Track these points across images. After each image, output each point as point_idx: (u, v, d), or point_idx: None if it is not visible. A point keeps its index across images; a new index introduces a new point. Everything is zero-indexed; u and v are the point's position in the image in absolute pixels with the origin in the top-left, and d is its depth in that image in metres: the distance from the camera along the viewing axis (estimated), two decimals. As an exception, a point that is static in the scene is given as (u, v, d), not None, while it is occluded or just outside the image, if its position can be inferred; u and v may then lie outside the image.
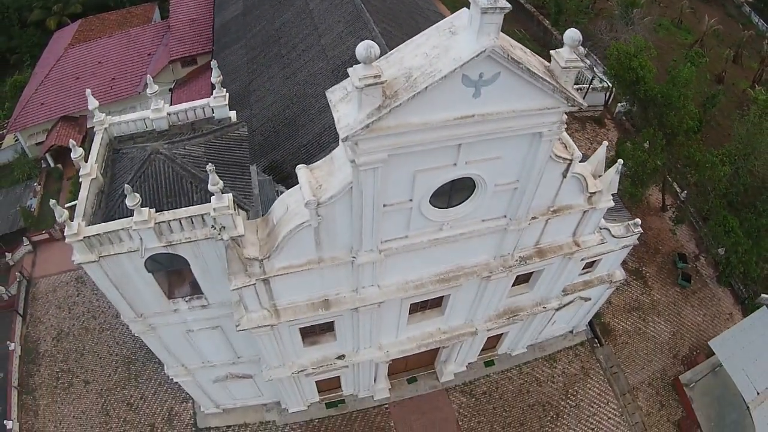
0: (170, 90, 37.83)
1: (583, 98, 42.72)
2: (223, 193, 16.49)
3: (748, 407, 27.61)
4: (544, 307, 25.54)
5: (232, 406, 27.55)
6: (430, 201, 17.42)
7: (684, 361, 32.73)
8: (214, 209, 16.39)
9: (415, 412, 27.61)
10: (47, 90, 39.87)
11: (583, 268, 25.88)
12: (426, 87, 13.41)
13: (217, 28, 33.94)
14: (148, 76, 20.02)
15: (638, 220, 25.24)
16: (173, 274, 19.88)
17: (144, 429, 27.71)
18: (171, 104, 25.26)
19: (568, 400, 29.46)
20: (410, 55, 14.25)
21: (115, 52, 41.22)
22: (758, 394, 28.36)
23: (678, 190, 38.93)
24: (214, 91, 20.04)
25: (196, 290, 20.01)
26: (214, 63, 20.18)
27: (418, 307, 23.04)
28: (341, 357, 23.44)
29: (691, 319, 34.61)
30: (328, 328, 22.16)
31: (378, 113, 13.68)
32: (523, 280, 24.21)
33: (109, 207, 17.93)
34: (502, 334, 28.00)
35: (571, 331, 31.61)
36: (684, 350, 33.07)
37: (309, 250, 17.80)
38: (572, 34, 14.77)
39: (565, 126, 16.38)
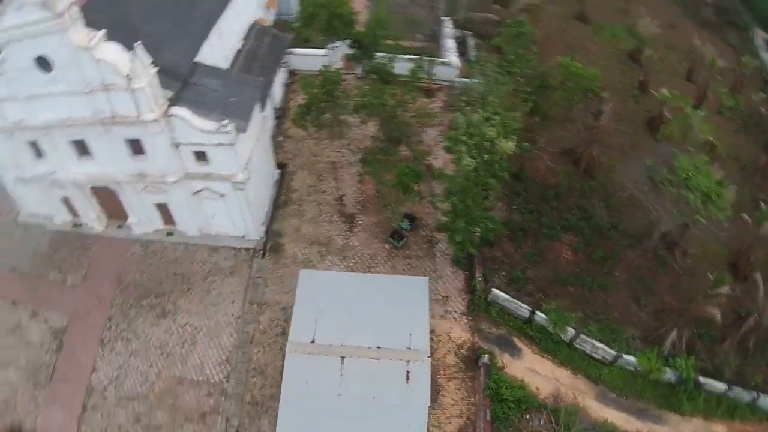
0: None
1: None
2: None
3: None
4: (164, 180, 46.72)
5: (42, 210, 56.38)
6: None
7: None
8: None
9: (108, 248, 51.83)
10: None
11: (198, 159, 45.74)
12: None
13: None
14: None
15: (227, 121, 42.88)
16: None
17: None
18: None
19: (203, 283, 48.61)
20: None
21: None
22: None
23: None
24: None
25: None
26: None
27: (80, 150, 47.93)
28: (53, 173, 50.14)
29: (381, 276, 47.28)
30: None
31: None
32: (139, 150, 46.23)
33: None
34: (169, 208, 49.59)
35: (243, 236, 50.14)
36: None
37: None
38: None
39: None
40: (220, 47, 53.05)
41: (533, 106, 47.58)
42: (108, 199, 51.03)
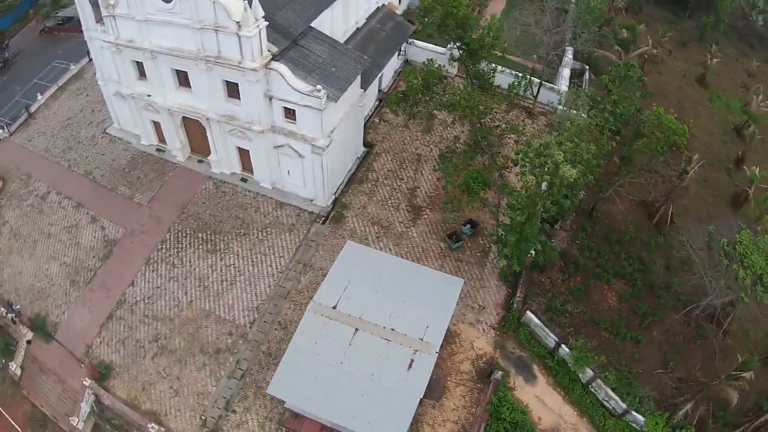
0: None
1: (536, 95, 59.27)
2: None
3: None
4: (250, 127, 50.66)
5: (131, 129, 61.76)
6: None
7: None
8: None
9: (183, 178, 56.47)
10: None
11: (287, 116, 49.44)
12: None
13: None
14: None
15: (320, 87, 46.35)
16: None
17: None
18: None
19: (260, 233, 52.38)
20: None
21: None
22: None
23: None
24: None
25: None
26: None
27: (181, 80, 52.64)
28: (149, 95, 55.26)
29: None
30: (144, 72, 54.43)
31: None
32: (235, 94, 50.48)
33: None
34: (249, 155, 53.57)
35: (311, 200, 53.77)
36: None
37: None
38: None
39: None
40: (341, 20, 57.59)
41: (621, 150, 48.74)
42: (196, 133, 55.96)
